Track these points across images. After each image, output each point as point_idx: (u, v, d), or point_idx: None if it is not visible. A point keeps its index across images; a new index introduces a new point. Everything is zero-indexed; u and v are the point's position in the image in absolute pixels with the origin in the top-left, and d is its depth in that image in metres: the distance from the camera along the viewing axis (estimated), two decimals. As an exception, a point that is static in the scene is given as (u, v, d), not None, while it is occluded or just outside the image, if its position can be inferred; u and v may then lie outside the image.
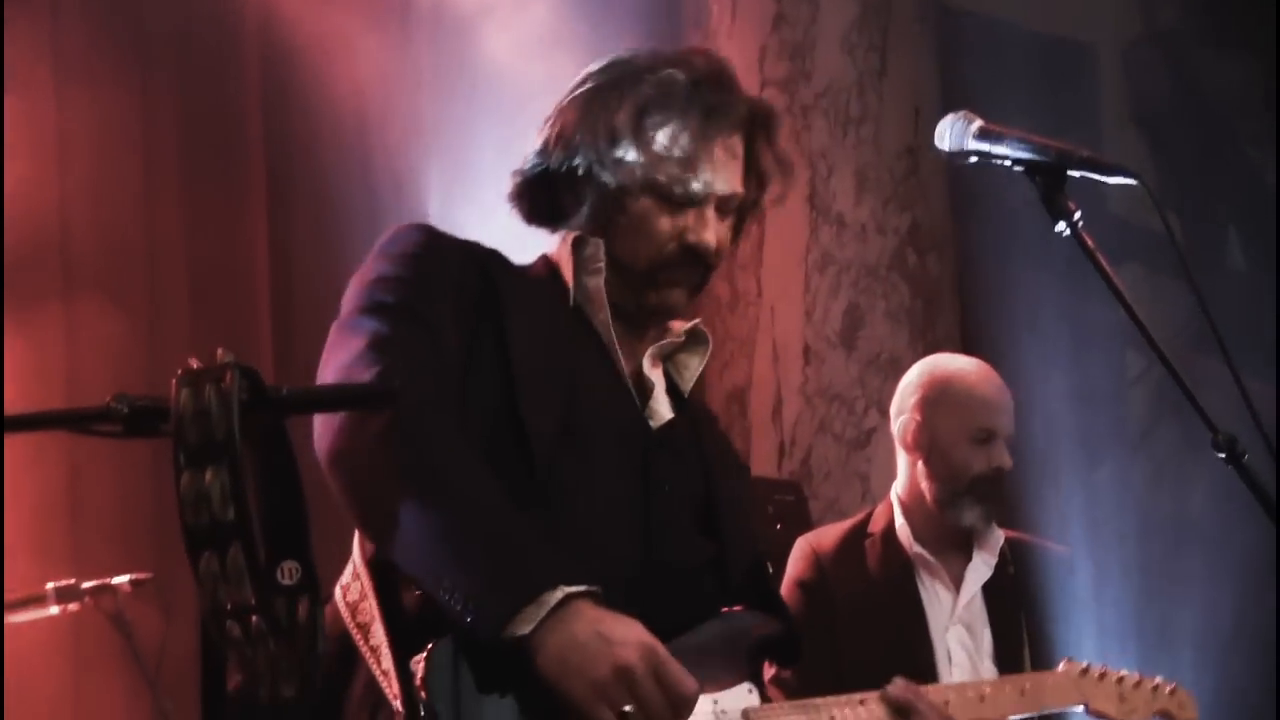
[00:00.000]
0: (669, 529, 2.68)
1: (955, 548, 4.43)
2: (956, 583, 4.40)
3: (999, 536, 4.47)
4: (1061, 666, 3.43)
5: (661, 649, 2.41)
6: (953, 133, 2.72)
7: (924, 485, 4.38)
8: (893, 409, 4.48)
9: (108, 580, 4.50)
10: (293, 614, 1.93)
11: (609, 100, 2.75)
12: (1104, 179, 2.63)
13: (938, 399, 4.39)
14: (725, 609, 2.71)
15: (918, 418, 4.39)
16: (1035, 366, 6.54)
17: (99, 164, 5.65)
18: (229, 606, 1.85)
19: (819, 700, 2.71)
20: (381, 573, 2.51)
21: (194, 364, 1.90)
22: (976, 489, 4.34)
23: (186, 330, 5.77)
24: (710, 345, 2.88)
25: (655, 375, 2.81)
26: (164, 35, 5.86)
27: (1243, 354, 2.62)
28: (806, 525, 5.44)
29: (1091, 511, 6.41)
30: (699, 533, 2.74)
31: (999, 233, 6.69)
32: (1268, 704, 6.36)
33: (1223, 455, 2.51)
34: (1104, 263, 2.62)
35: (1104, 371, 7.12)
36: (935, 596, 4.38)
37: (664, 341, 2.82)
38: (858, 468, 6.49)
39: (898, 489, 4.47)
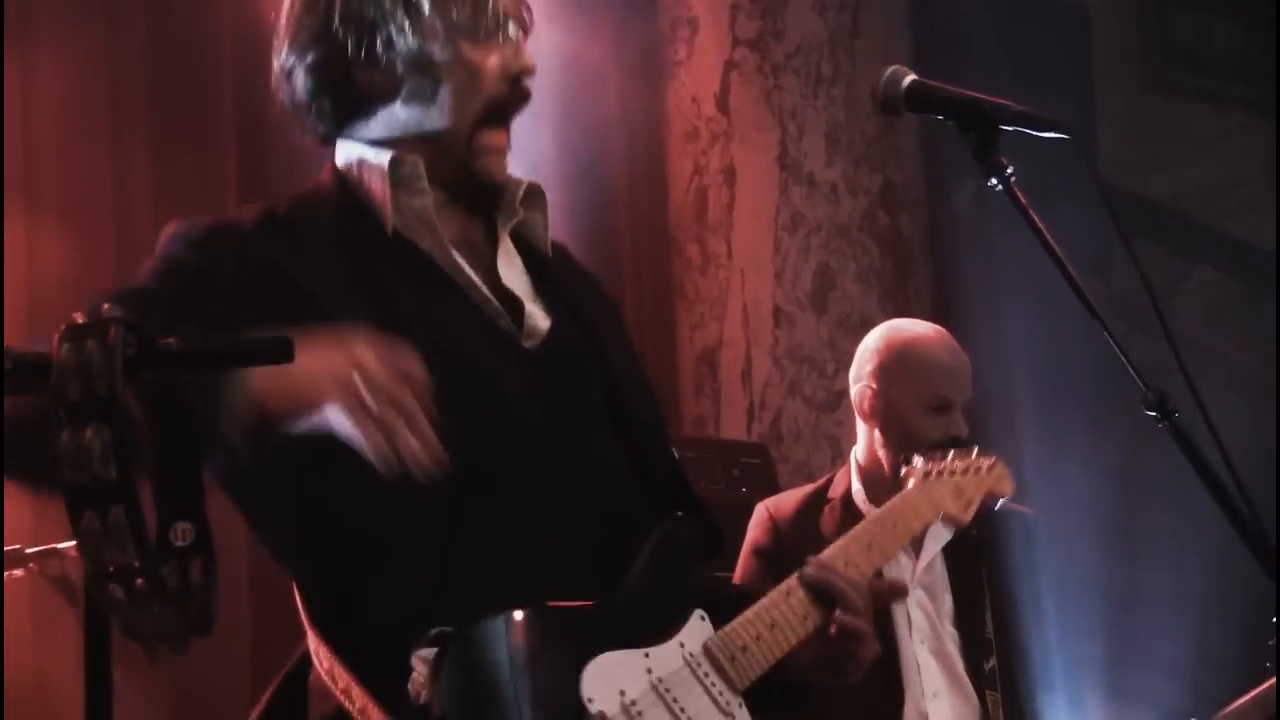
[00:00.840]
0: (592, 464, 2.53)
1: (914, 512, 4.39)
2: (916, 547, 4.36)
3: (960, 499, 4.44)
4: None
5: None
6: (885, 87, 2.66)
7: (881, 453, 4.34)
8: (850, 375, 4.44)
9: (54, 545, 4.43)
10: (186, 576, 1.88)
11: None
12: (1036, 133, 2.59)
13: (893, 366, 4.35)
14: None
15: (874, 385, 4.35)
16: (1009, 328, 6.50)
17: (64, 94, 5.51)
18: (111, 569, 1.80)
19: (757, 608, 2.62)
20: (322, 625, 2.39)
21: (78, 318, 1.85)
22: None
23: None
24: (546, 195, 2.68)
25: (514, 276, 2.61)
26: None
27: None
28: (772, 488, 5.39)
29: (1064, 473, 6.37)
30: (612, 441, 2.59)
31: (974, 192, 6.64)
32: (1248, 669, 6.35)
33: (1152, 413, 2.47)
34: (1036, 219, 2.58)
35: (1080, 333, 7.07)
36: (894, 561, 4.34)
37: (512, 222, 2.63)
38: (828, 430, 6.46)
39: (856, 454, 4.43)
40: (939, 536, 4.36)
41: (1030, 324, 6.71)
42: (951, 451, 3.51)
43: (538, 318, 2.58)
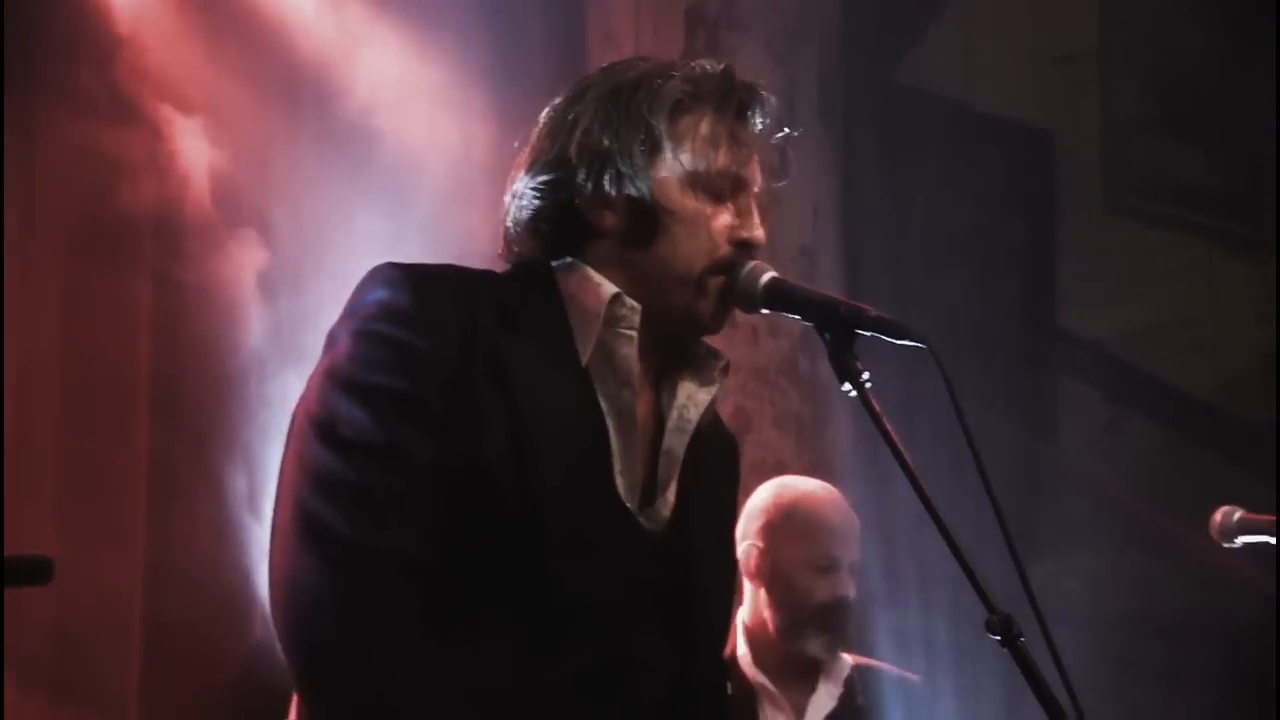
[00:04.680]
0: (638, 672, 2.50)
1: (799, 676, 4.34)
2: (799, 712, 4.31)
3: (845, 665, 4.39)
4: None
5: None
6: (742, 283, 2.57)
7: (766, 614, 4.29)
8: (738, 533, 4.37)
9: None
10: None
11: (637, 100, 2.52)
12: (893, 340, 2.52)
13: (781, 525, 4.30)
14: None
15: (760, 544, 4.30)
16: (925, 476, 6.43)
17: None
18: None
19: None
20: None
21: None
22: (819, 619, 4.25)
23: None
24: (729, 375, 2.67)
25: (674, 445, 2.60)
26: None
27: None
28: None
29: (957, 634, 6.29)
30: (667, 649, 2.55)
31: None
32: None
33: (997, 637, 2.39)
34: (889, 429, 2.51)
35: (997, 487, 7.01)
36: (776, 720, 4.29)
37: (712, 394, 2.63)
38: (740, 576, 6.37)
39: (742, 616, 4.36)
40: (822, 705, 4.31)
41: (944, 475, 6.65)
42: None
43: (665, 508, 2.57)
